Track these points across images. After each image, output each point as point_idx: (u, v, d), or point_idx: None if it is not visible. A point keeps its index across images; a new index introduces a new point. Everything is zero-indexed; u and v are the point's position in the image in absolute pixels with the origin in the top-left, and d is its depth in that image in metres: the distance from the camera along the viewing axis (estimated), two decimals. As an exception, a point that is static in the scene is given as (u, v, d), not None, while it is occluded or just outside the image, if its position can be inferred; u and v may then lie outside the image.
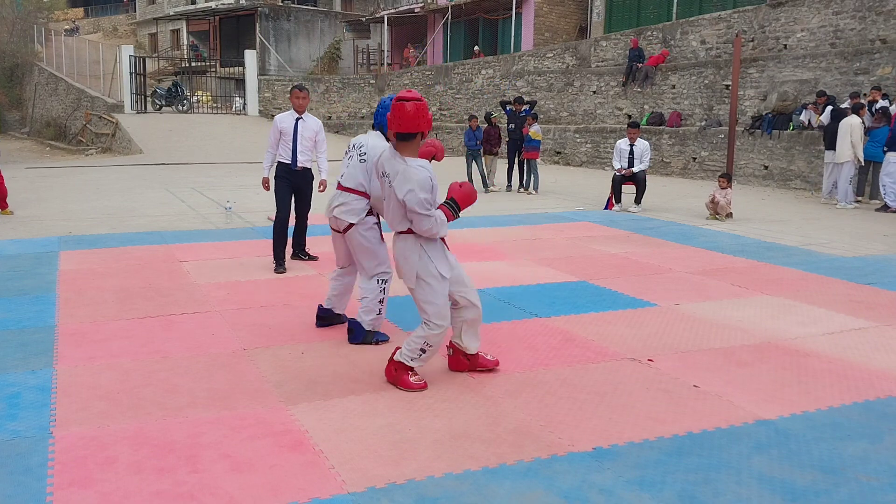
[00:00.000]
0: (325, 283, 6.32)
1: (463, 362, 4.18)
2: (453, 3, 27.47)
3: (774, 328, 5.11)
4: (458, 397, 3.81)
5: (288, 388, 3.92)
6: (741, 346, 4.72)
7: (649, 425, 3.48)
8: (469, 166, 13.82)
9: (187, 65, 32.23)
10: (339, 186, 4.69)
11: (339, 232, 4.71)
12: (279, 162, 6.85)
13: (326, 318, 5.05)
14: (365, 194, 4.61)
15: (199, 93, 29.08)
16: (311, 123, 6.86)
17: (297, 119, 6.77)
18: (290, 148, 6.75)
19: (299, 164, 6.80)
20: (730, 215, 10.30)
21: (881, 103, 12.43)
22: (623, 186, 11.38)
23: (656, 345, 4.71)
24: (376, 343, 4.67)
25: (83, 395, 3.81)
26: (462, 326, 4.05)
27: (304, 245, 7.31)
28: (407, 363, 3.93)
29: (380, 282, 4.64)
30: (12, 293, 5.91)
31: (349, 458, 3.13)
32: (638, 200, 11.21)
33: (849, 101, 12.78)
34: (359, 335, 4.68)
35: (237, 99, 28.58)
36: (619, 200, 11.40)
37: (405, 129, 3.74)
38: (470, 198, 3.97)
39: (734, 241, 8.51)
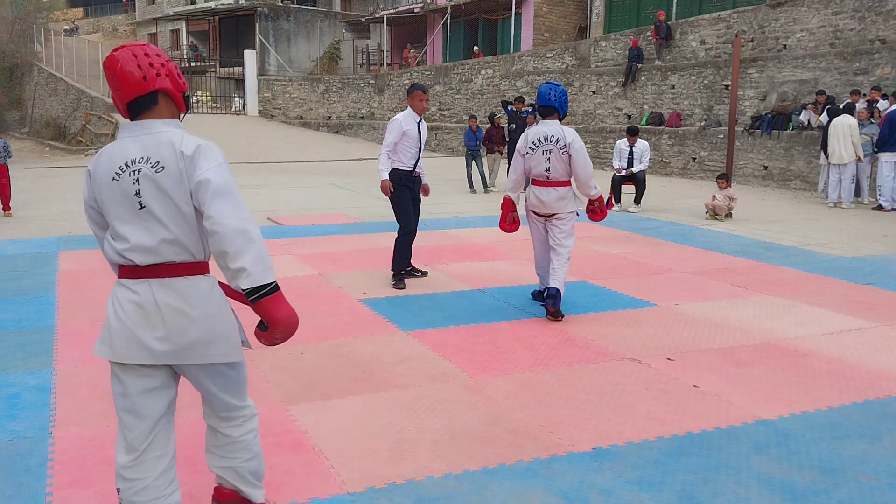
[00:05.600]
0: (325, 282, 6.33)
1: None
2: (453, 4, 27.47)
3: (774, 328, 5.11)
4: (457, 397, 3.81)
5: (287, 388, 3.92)
6: (741, 346, 4.72)
7: (649, 425, 3.48)
8: (469, 166, 13.83)
9: (187, 65, 32.22)
10: (550, 182, 5.32)
11: (545, 217, 5.42)
12: (396, 169, 6.22)
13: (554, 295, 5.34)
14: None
15: (199, 93, 29.08)
16: (424, 126, 6.40)
17: (419, 122, 6.28)
18: (415, 153, 6.24)
19: (417, 170, 6.31)
20: (729, 215, 10.30)
21: (881, 103, 12.44)
22: (623, 186, 11.39)
23: (656, 345, 4.72)
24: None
25: (83, 395, 3.81)
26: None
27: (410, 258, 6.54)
28: None
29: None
30: (12, 293, 5.91)
31: (349, 458, 3.13)
32: (637, 200, 11.21)
33: (850, 99, 12.79)
34: (559, 300, 5.24)
35: (237, 99, 28.60)
36: (618, 200, 11.40)
37: (130, 93, 2.24)
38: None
39: (734, 242, 8.51)
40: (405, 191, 6.27)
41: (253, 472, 2.51)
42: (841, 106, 12.44)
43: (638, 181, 11.21)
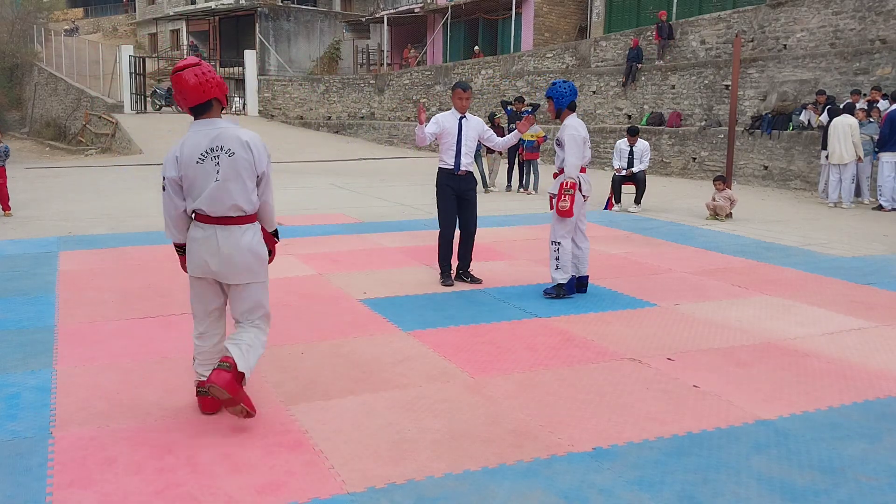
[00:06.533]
0: (325, 282, 6.33)
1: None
2: (453, 4, 27.47)
3: (774, 328, 5.11)
4: (458, 397, 3.81)
5: (288, 388, 3.92)
6: (741, 346, 4.72)
7: (649, 425, 3.48)
8: (469, 166, 13.82)
9: (187, 65, 32.17)
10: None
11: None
12: (440, 168, 6.22)
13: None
14: None
15: (199, 93, 29.02)
16: (475, 123, 6.30)
17: (461, 118, 6.24)
18: (454, 152, 6.16)
19: (462, 169, 6.19)
20: (729, 216, 10.31)
21: (881, 103, 12.44)
22: (623, 186, 11.38)
23: (656, 345, 4.71)
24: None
25: (83, 395, 3.81)
26: None
27: (470, 264, 6.46)
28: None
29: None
30: (12, 293, 5.90)
31: (349, 458, 3.13)
32: (638, 200, 11.21)
33: (851, 99, 12.79)
34: None
35: (237, 99, 28.58)
36: (618, 200, 11.40)
37: (193, 101, 3.34)
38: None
39: (734, 242, 8.51)
40: (446, 191, 6.22)
41: (250, 347, 3.47)
42: (841, 106, 12.43)
43: (638, 181, 11.21)
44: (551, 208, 5.93)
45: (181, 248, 3.55)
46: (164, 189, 3.42)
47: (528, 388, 3.95)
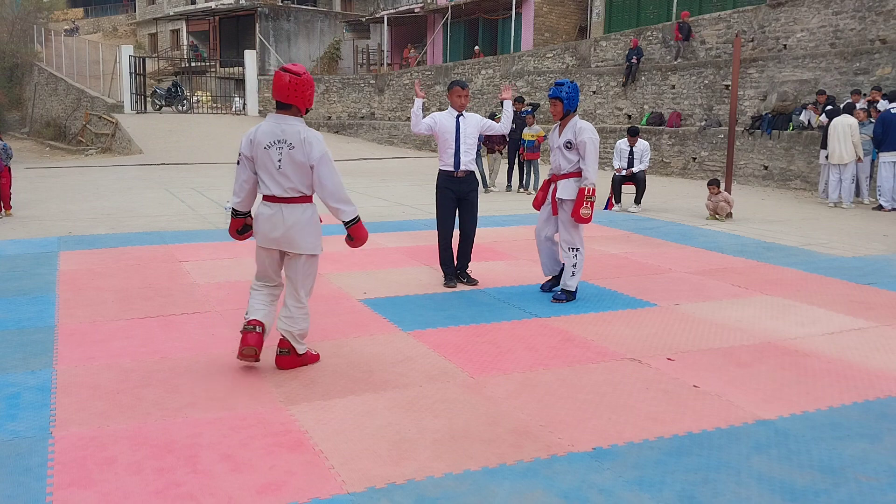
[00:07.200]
0: (325, 282, 6.32)
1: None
2: (453, 3, 27.47)
3: (774, 328, 5.11)
4: (458, 397, 3.81)
5: (287, 388, 3.92)
6: (741, 346, 4.72)
7: (649, 425, 3.48)
8: (469, 166, 13.82)
9: (187, 65, 32.24)
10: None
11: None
12: (440, 170, 6.11)
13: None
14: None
15: (199, 93, 29.10)
16: (473, 120, 6.19)
17: (458, 116, 6.12)
18: (453, 150, 6.02)
19: (462, 169, 6.06)
20: (729, 215, 10.31)
21: (881, 103, 12.44)
22: (623, 186, 11.39)
23: (656, 345, 4.71)
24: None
25: (83, 395, 3.81)
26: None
27: (468, 265, 6.39)
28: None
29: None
30: (12, 293, 5.91)
31: (349, 458, 3.13)
32: (638, 200, 11.21)
33: (852, 99, 12.79)
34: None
35: (237, 99, 28.60)
36: (618, 200, 11.40)
37: (277, 97, 4.01)
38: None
39: (734, 241, 8.51)
40: (445, 193, 6.12)
41: (300, 334, 4.18)
42: (841, 106, 12.43)
43: (638, 181, 11.21)
44: (554, 213, 5.91)
45: (238, 213, 4.22)
46: (237, 163, 4.15)
47: (528, 388, 3.95)
